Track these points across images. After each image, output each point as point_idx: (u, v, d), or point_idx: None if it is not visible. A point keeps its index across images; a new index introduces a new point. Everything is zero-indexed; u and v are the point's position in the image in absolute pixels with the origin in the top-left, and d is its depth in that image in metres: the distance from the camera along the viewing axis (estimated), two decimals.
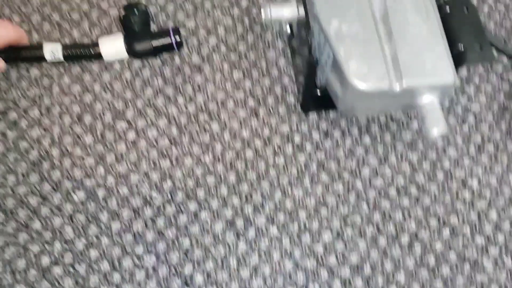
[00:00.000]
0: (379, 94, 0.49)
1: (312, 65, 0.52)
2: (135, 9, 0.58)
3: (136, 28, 0.58)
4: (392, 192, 0.54)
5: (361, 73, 0.48)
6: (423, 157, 0.56)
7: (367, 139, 0.56)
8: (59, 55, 0.57)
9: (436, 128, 0.49)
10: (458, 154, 0.56)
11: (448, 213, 0.54)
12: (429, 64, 0.49)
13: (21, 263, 0.49)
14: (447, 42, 0.50)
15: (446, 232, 0.53)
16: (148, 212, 0.52)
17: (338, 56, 0.48)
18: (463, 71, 0.60)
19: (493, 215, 0.54)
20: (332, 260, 0.51)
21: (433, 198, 0.54)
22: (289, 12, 0.53)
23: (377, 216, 0.53)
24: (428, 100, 0.49)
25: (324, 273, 0.51)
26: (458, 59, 0.52)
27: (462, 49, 0.51)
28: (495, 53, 0.62)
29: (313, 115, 0.57)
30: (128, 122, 0.56)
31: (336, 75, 0.50)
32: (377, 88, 0.48)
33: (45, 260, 0.50)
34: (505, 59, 0.61)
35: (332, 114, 0.57)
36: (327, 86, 0.54)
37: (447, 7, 0.53)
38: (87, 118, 0.55)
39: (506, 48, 0.62)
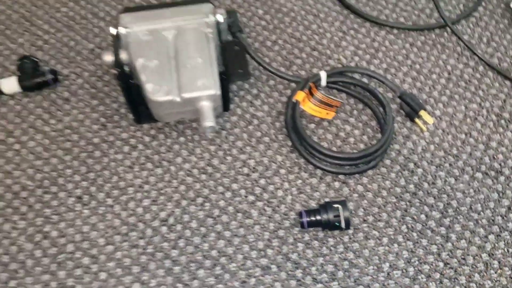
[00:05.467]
0: (169, 103, 0.76)
1: (126, 91, 0.78)
2: (27, 59, 0.86)
3: (27, 72, 0.85)
4: (195, 171, 0.80)
5: (155, 91, 0.75)
6: (219, 148, 0.82)
7: (181, 139, 0.83)
8: None
9: (207, 122, 0.75)
10: (243, 144, 0.82)
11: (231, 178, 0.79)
12: (200, 83, 0.75)
13: None
14: (217, 68, 0.78)
15: (228, 194, 0.78)
16: None
17: (142, 81, 0.75)
18: (254, 90, 0.87)
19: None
20: None
21: (222, 172, 0.80)
22: (109, 57, 0.80)
23: (182, 188, 0.78)
24: (202, 104, 0.76)
25: None
26: (227, 79, 0.79)
27: (228, 72, 0.79)
28: (250, 75, 0.88)
29: (146, 125, 0.84)
30: None
31: (145, 94, 0.77)
32: (165, 99, 0.75)
33: None
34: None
35: (159, 124, 0.84)
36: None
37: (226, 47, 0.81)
38: None
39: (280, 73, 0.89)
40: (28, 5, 0.97)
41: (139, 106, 0.82)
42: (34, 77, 0.85)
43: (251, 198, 0.78)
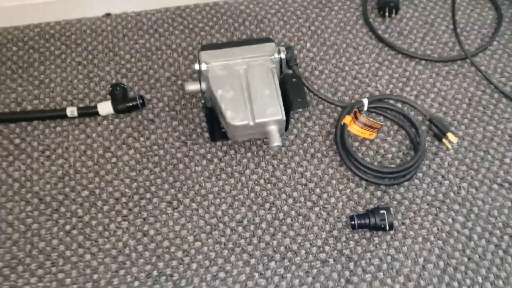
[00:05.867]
0: (244, 127, 0.93)
1: (207, 115, 0.96)
2: (117, 86, 1.03)
3: (117, 97, 1.02)
4: (262, 181, 0.97)
5: (233, 117, 0.92)
6: (280, 162, 0.99)
7: (249, 154, 1.00)
8: (75, 113, 1.01)
9: (275, 143, 0.92)
10: (300, 158, 1.00)
11: (292, 188, 0.96)
12: (269, 110, 0.93)
13: None
14: (281, 97, 0.95)
15: (290, 200, 0.95)
16: None
17: (221, 109, 0.93)
18: (306, 113, 1.05)
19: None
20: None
21: (284, 182, 0.97)
22: (194, 87, 0.97)
23: (252, 195, 0.96)
24: (271, 128, 0.93)
25: None
26: (289, 106, 0.96)
27: (290, 101, 0.96)
28: (308, 103, 1.06)
29: (219, 142, 1.01)
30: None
31: (223, 119, 0.94)
32: (241, 124, 0.92)
33: None
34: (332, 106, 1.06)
35: (229, 141, 1.01)
36: (223, 124, 0.98)
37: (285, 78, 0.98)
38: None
39: (330, 99, 1.06)
40: (110, 37, 1.14)
41: (213, 127, 1.00)
42: (125, 101, 1.03)
43: (309, 204, 0.96)
